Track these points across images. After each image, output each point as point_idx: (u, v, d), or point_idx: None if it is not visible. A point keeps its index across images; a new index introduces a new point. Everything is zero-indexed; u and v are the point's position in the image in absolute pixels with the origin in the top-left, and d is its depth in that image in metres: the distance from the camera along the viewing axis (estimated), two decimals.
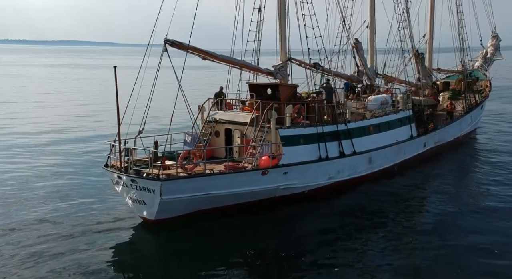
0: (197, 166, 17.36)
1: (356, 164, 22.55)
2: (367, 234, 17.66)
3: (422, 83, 37.07)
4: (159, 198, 16.29)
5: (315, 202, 20.65)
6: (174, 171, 16.56)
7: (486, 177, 25.16)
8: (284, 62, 22.95)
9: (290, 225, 18.92)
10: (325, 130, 21.17)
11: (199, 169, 17.35)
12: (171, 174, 16.67)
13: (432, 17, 37.52)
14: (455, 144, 31.60)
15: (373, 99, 24.91)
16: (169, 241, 17.02)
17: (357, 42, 29.22)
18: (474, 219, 18.97)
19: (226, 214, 18.35)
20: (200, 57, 19.73)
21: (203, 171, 17.30)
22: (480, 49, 43.36)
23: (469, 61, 39.70)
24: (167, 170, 16.80)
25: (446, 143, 30.63)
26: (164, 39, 17.59)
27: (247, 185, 18.34)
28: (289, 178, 19.68)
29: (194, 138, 21.26)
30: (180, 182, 16.59)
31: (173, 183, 16.42)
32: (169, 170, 16.80)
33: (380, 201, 21.55)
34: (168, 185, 16.32)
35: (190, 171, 16.95)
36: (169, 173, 16.61)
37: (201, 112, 22.09)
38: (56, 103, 57.75)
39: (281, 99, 21.42)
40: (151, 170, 16.37)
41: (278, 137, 19.54)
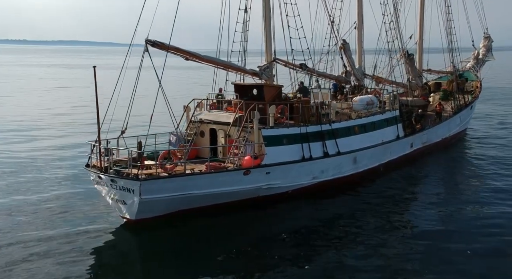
0: (178, 166, 17.46)
1: (341, 164, 22.69)
2: (349, 234, 17.75)
3: (412, 84, 37.44)
4: (138, 197, 16.39)
5: (299, 201, 20.82)
6: (154, 171, 16.66)
7: (472, 178, 25.36)
8: (269, 62, 23.08)
9: (274, 224, 19.08)
10: (308, 130, 21.31)
11: (180, 169, 17.45)
12: (150, 173, 16.78)
13: (421, 17, 37.73)
14: (443, 145, 31.77)
15: (359, 99, 25.05)
16: (150, 241, 17.12)
17: (345, 43, 29.41)
18: (457, 221, 18.99)
19: (209, 213, 18.49)
20: (183, 58, 19.82)
21: (183, 171, 17.42)
22: (472, 50, 43.66)
23: (460, 62, 39.94)
24: (146, 170, 16.89)
25: (434, 144, 30.79)
26: (145, 39, 17.69)
27: (229, 185, 18.46)
28: (272, 178, 19.80)
29: (178, 138, 21.38)
30: (160, 182, 16.70)
31: (152, 182, 16.53)
32: (148, 170, 16.89)
33: (364, 201, 21.73)
34: (147, 185, 16.42)
35: (170, 170, 17.05)
36: (148, 173, 16.71)
37: (186, 112, 22.22)
38: (48, 102, 57.91)
39: (266, 100, 21.55)
40: (130, 170, 16.46)
41: (261, 137, 19.67)
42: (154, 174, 16.76)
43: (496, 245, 16.56)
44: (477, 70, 42.53)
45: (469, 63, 43.42)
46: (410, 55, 36.45)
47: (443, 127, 32.26)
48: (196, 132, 21.70)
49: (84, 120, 40.77)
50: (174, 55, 19.30)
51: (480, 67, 43.34)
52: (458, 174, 26.50)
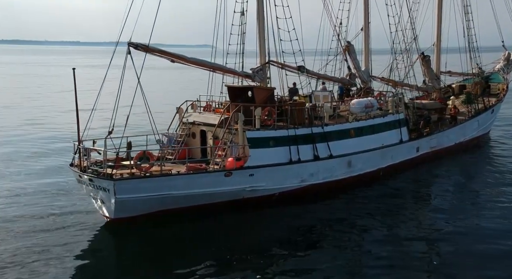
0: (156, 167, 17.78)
1: (333, 167, 22.35)
2: (335, 240, 17.48)
3: (428, 86, 36.32)
4: (114, 197, 16.83)
5: (287, 204, 20.69)
6: (129, 171, 17.05)
7: (479, 186, 24.14)
8: (262, 64, 23.10)
9: (258, 227, 19.07)
10: (298, 133, 21.17)
11: (158, 169, 17.76)
12: (127, 173, 17.17)
13: (439, 18, 36.52)
14: (456, 150, 30.55)
15: (356, 102, 24.56)
16: (130, 240, 17.42)
17: (349, 45, 28.94)
18: (453, 233, 18.03)
19: (192, 214, 18.71)
20: (169, 60, 20.16)
21: (168, 171, 17.76)
22: (502, 50, 41.83)
23: (479, 63, 38.35)
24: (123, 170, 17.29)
25: (445, 149, 29.69)
26: (127, 42, 18.12)
27: (209, 187, 18.62)
28: (256, 180, 19.80)
29: (170, 139, 21.80)
30: (135, 182, 17.08)
31: (127, 182, 16.94)
32: (123, 170, 17.30)
33: (356, 206, 21.32)
34: (122, 185, 16.83)
35: (146, 171, 17.40)
36: (123, 173, 17.12)
37: (179, 113, 22.61)
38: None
39: (256, 102, 21.60)
40: (105, 170, 16.93)
41: (245, 139, 19.72)
42: (130, 174, 17.15)
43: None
44: (506, 72, 40.69)
45: (498, 64, 41.62)
46: (426, 57, 35.50)
47: (456, 131, 31.06)
48: (187, 134, 22.03)
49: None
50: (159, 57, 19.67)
51: (511, 69, 41.43)
52: (466, 180, 25.41)
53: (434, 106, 33.23)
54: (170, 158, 20.54)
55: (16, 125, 41.92)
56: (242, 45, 23.78)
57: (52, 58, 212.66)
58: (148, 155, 17.66)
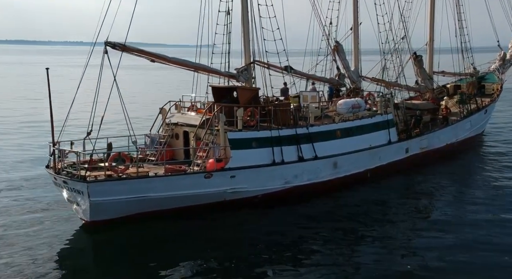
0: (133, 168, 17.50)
1: (318, 168, 22.06)
2: (319, 243, 17.18)
3: (421, 87, 35.98)
4: (88, 199, 16.56)
5: (270, 206, 20.40)
6: (103, 173, 16.77)
7: (468, 187, 23.99)
8: (247, 64, 22.82)
9: (241, 229, 18.75)
10: (282, 133, 20.89)
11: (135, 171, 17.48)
12: (104, 175, 16.90)
13: (432, 17, 36.21)
14: (447, 151, 30.19)
15: (343, 103, 24.26)
16: (107, 243, 17.11)
17: (338, 45, 28.63)
18: (435, 237, 17.65)
19: (172, 216, 18.43)
20: (148, 60, 19.88)
21: (145, 173, 17.49)
22: (498, 51, 41.47)
23: (472, 63, 38.03)
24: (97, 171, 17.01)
25: (436, 149, 29.34)
26: (104, 41, 17.84)
27: (189, 188, 18.35)
28: (238, 182, 19.52)
29: (153, 140, 21.55)
30: (109, 184, 16.81)
31: (101, 185, 16.67)
32: (98, 172, 17.04)
33: (342, 208, 21.06)
34: (96, 187, 16.57)
35: (121, 173, 17.13)
36: (98, 175, 16.84)
37: (162, 114, 22.35)
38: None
39: (240, 102, 21.34)
40: (78, 172, 16.67)
41: (227, 140, 19.45)
42: (106, 176, 16.87)
43: None
44: (501, 72, 40.33)
45: (494, 64, 41.27)
46: (418, 57, 35.17)
47: (448, 132, 30.70)
48: (170, 134, 21.77)
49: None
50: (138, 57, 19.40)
51: (507, 68, 41.07)
52: (456, 182, 25.04)
53: (426, 106, 32.88)
54: (153, 160, 20.34)
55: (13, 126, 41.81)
56: (228, 45, 23.58)
57: (54, 58, 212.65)
58: (123, 156, 17.38)
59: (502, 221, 19.17)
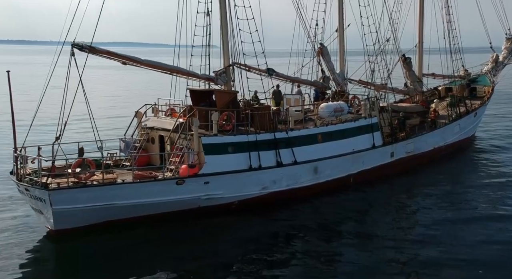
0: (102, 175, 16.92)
1: (297, 174, 21.50)
2: (297, 251, 16.65)
3: (410, 89, 35.46)
4: (50, 208, 15.98)
5: (247, 213, 19.83)
6: (66, 180, 16.17)
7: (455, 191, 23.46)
8: (225, 67, 22.26)
9: (216, 236, 18.19)
10: (259, 138, 20.33)
11: (107, 177, 16.91)
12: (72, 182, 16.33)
13: (421, 18, 35.68)
14: (434, 155, 29.64)
15: (325, 106, 23.71)
16: (71, 253, 16.49)
17: (322, 47, 28.09)
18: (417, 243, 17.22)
19: (145, 224, 17.85)
20: (120, 62, 19.30)
21: (112, 180, 16.91)
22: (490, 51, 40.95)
23: (464, 65, 37.51)
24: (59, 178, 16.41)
25: (423, 153, 28.78)
26: (71, 43, 17.25)
27: (160, 195, 17.78)
28: (212, 188, 18.96)
29: (127, 144, 20.99)
30: (73, 192, 16.21)
31: (63, 192, 16.07)
32: (61, 179, 16.43)
33: (322, 214, 20.55)
34: (58, 195, 15.97)
35: (86, 180, 16.54)
36: (62, 182, 16.26)
37: (137, 118, 21.79)
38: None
39: (218, 106, 20.80)
40: (40, 179, 16.08)
41: (201, 145, 18.89)
42: (73, 182, 16.30)
43: None
44: (493, 74, 39.81)
45: (486, 66, 40.74)
46: (407, 59, 34.64)
47: (435, 135, 30.15)
48: (146, 139, 21.20)
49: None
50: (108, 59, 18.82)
51: (500, 70, 40.54)
52: (439, 187, 24.40)
53: (414, 109, 32.39)
54: (127, 165, 19.79)
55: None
56: (208, 47, 23.01)
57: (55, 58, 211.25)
58: (88, 162, 16.80)
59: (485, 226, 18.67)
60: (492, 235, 17.73)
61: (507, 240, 17.24)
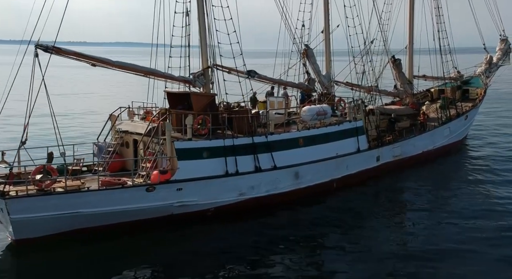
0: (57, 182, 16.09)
1: (277, 179, 20.80)
2: (276, 259, 16.03)
3: (400, 91, 34.77)
4: (8, 217, 15.24)
5: (224, 220, 19.14)
6: (32, 188, 15.43)
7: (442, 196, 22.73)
8: (204, 69, 21.54)
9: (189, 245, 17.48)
10: (236, 143, 19.62)
11: (70, 184, 16.16)
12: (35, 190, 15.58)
13: (411, 19, 35.00)
14: (423, 158, 28.92)
15: (307, 109, 22.99)
16: (34, 264, 15.66)
17: (308, 48, 27.39)
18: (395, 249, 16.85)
19: (114, 232, 17.14)
20: (89, 64, 18.54)
21: (75, 187, 16.17)
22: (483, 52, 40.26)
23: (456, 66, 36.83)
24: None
25: (411, 157, 28.08)
26: (35, 44, 16.50)
27: (129, 203, 17.05)
28: (185, 195, 18.24)
29: (100, 149, 20.28)
30: (32, 200, 15.43)
31: (22, 201, 15.28)
32: (20, 187, 15.66)
33: (302, 221, 19.83)
34: (16, 204, 15.20)
35: (47, 187, 15.79)
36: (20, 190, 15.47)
37: (111, 121, 21.08)
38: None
39: (194, 109, 20.08)
40: None
41: (173, 150, 18.18)
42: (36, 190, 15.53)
43: None
44: (486, 75, 39.12)
45: (480, 68, 40.06)
46: (397, 60, 33.97)
47: (424, 138, 29.46)
48: (119, 143, 20.47)
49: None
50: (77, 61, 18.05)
51: (494, 72, 39.85)
52: (426, 192, 23.71)
53: (404, 112, 31.68)
54: (99, 170, 19.06)
55: None
56: (188, 47, 22.30)
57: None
58: (49, 169, 16.05)
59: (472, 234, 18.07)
60: (485, 242, 17.27)
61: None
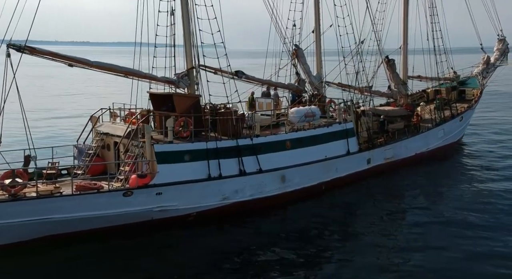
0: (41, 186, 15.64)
1: (262, 183, 20.24)
2: (259, 265, 15.59)
3: (393, 92, 34.21)
4: None
5: (207, 225, 18.59)
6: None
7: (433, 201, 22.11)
8: (188, 69, 20.99)
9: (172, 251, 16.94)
10: (220, 145, 19.08)
11: (42, 189, 15.62)
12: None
13: (405, 19, 34.41)
14: (417, 161, 28.35)
15: (295, 111, 22.44)
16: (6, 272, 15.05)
17: (298, 49, 26.82)
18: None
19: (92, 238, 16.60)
20: (65, 64, 17.97)
21: (49, 191, 15.62)
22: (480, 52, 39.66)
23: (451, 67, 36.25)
24: None
25: (403, 160, 27.50)
26: (7, 43, 15.92)
27: (105, 208, 16.49)
28: (165, 200, 17.69)
29: (80, 151, 19.75)
30: (0, 206, 14.87)
31: None
32: None
33: (288, 225, 19.31)
34: None
35: (16, 193, 15.22)
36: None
37: (92, 123, 20.54)
38: None
39: (177, 111, 19.54)
40: None
41: (153, 153, 17.63)
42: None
43: None
44: (483, 76, 38.52)
45: (477, 68, 39.46)
46: (391, 60, 33.39)
47: (417, 140, 28.87)
48: (100, 145, 19.93)
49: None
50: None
51: (491, 72, 39.25)
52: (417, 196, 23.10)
53: (398, 113, 31.06)
54: (79, 173, 18.56)
55: None
56: (173, 47, 21.74)
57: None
58: (19, 174, 15.50)
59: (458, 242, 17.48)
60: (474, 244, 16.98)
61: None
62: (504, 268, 15.25)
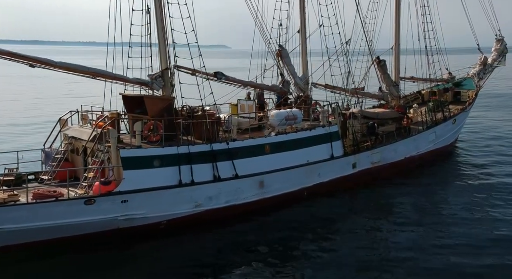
0: None
1: (239, 189, 19.33)
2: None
3: (384, 94, 33.25)
4: None
5: (179, 234, 17.70)
6: None
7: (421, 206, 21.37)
8: (162, 70, 20.09)
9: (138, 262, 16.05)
10: (192, 150, 18.17)
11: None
12: None
13: (397, 19, 33.43)
14: (406, 165, 27.36)
15: (275, 114, 21.48)
16: None
17: (282, 49, 25.87)
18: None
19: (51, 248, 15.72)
20: (26, 65, 17.09)
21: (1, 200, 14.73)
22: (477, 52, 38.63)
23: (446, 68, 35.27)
24: None
25: (392, 164, 26.50)
26: None
27: (65, 217, 15.60)
28: (132, 207, 16.79)
29: (48, 155, 18.87)
30: None
31: None
32: None
33: (267, 233, 18.38)
34: None
35: None
36: None
37: (61, 126, 19.65)
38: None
39: (149, 114, 18.66)
40: None
41: (119, 159, 16.73)
42: None
43: None
44: (480, 77, 37.50)
45: (474, 69, 38.44)
46: (382, 61, 32.42)
47: (407, 144, 27.85)
48: (69, 149, 19.05)
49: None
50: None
51: (488, 73, 38.23)
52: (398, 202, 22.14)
53: (388, 115, 30.07)
54: (45, 179, 17.70)
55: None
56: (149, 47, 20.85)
57: (62, 58, 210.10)
58: None
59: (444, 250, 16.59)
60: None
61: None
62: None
